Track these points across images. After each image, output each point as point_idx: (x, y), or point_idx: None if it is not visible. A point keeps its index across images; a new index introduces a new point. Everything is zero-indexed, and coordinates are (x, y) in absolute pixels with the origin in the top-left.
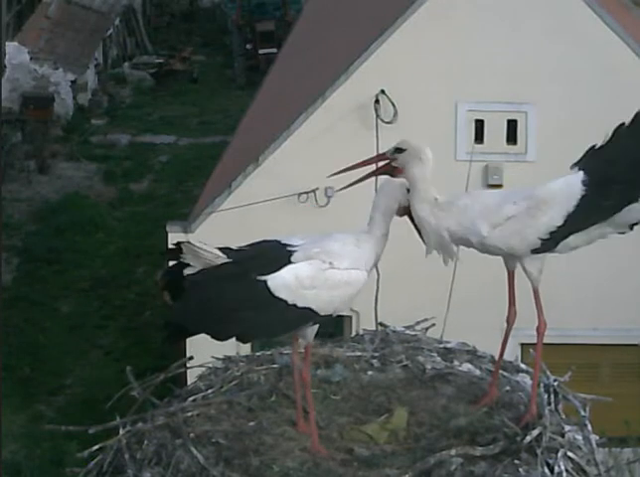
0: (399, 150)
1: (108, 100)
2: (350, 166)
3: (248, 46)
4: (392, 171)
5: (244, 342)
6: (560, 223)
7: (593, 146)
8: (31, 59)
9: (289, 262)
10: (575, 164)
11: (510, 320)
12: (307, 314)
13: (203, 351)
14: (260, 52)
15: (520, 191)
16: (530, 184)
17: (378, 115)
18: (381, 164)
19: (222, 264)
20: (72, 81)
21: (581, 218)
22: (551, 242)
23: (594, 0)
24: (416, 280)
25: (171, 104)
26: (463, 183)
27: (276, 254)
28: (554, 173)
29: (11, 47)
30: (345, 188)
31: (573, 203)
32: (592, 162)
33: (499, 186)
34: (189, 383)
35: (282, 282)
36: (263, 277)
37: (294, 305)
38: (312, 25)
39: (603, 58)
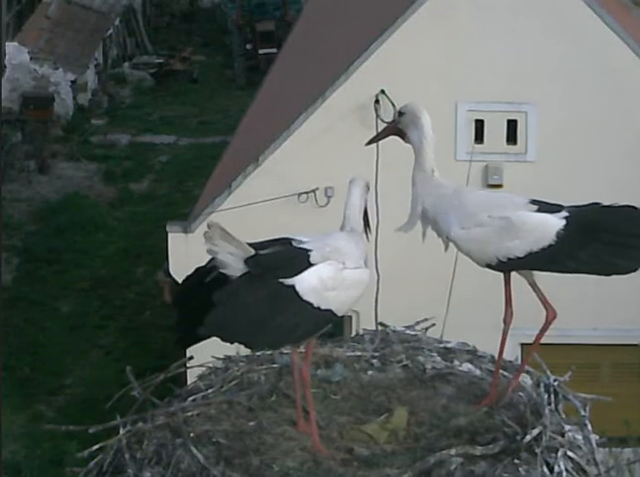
0: (400, 114)
1: (108, 100)
2: (376, 135)
3: (248, 46)
4: (400, 133)
5: (275, 349)
6: (520, 255)
7: (597, 203)
8: (31, 59)
9: (309, 264)
10: (567, 208)
11: (507, 320)
12: (328, 316)
13: (203, 351)
14: (260, 52)
15: (507, 202)
16: (530, 184)
17: (378, 115)
18: (391, 125)
19: (245, 274)
20: (72, 81)
21: (539, 262)
22: (506, 266)
23: (594, 0)
24: (416, 280)
25: (171, 104)
26: (463, 183)
27: (294, 256)
28: (553, 173)
29: (11, 47)
30: (370, 142)
31: (540, 245)
32: (581, 220)
33: (499, 186)
34: (189, 383)
35: (309, 285)
36: (290, 282)
37: (318, 308)
38: (312, 25)
39: (603, 58)
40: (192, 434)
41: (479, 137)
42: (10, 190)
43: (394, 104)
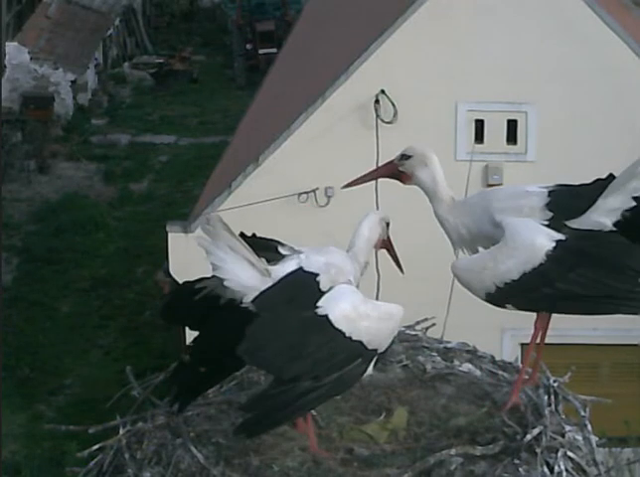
0: (405, 156)
1: (108, 100)
2: (362, 176)
3: (248, 46)
4: (398, 176)
5: (304, 378)
6: (515, 277)
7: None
8: (31, 59)
9: (319, 292)
10: (568, 224)
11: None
12: (358, 348)
13: None
14: (260, 52)
15: (525, 206)
16: (530, 184)
17: (378, 115)
18: (386, 167)
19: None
20: (72, 81)
21: (532, 284)
22: (503, 294)
23: (594, 0)
24: (416, 280)
25: (171, 104)
26: (463, 183)
27: (304, 286)
28: (553, 173)
29: (11, 47)
30: (347, 186)
31: (531, 265)
32: (573, 246)
33: (499, 186)
34: None
35: (342, 313)
36: (323, 311)
37: (350, 338)
38: (312, 25)
39: (603, 58)
40: (192, 434)
41: (479, 137)
42: (10, 190)
43: (394, 104)
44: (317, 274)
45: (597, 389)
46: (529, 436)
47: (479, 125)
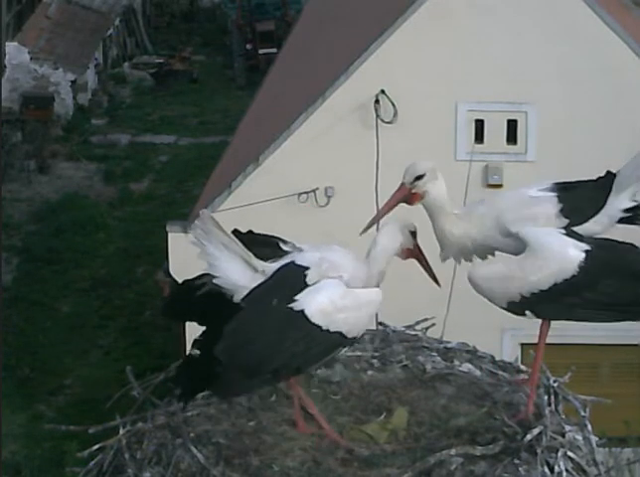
0: (418, 177)
1: (108, 100)
2: (377, 214)
3: (248, 46)
4: (409, 198)
5: (286, 375)
6: (545, 287)
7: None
8: (31, 59)
9: (305, 284)
10: (585, 228)
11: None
12: (337, 339)
13: None
14: (260, 52)
15: (540, 213)
16: (530, 184)
17: (378, 115)
18: (398, 194)
19: (249, 296)
20: (72, 81)
21: (561, 293)
22: (528, 303)
23: (594, 0)
24: (416, 280)
25: (171, 104)
26: (463, 183)
27: (292, 277)
28: (553, 173)
29: (11, 47)
30: (365, 230)
31: (563, 276)
32: (600, 254)
33: (499, 186)
34: None
35: (317, 307)
36: (299, 306)
37: (327, 330)
38: (312, 25)
39: (603, 58)
40: (192, 434)
41: (479, 137)
42: (10, 190)
43: (394, 104)
44: (307, 268)
45: (597, 389)
46: (529, 436)
47: (479, 125)
